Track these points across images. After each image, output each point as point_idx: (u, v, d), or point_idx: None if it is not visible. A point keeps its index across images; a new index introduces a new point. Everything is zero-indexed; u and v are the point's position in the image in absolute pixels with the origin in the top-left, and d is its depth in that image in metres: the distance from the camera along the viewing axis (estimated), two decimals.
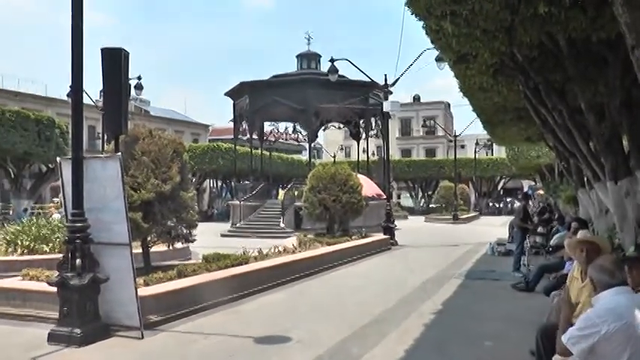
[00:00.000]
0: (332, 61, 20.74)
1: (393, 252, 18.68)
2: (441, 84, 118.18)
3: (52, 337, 7.06)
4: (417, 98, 74.36)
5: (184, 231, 10.20)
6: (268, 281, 10.88)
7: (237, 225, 28.57)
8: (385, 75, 21.31)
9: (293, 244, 14.86)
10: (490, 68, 8.81)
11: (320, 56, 34.50)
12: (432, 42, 8.00)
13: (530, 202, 24.17)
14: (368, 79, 22.52)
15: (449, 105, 73.46)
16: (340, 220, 18.47)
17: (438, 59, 17.45)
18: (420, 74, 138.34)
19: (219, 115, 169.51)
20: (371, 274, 13.54)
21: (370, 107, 31.23)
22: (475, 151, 50.08)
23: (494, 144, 42.09)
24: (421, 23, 7.27)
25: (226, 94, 33.95)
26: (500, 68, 8.89)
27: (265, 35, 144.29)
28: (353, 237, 17.69)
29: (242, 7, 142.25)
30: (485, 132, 19.09)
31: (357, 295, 10.63)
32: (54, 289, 7.37)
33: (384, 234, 20.32)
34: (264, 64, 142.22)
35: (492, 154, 59.64)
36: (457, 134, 40.75)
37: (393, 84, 21.14)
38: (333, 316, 8.64)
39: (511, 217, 19.70)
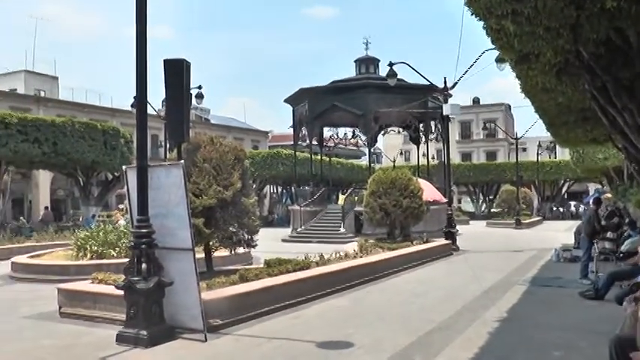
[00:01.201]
0: (390, 65, 20.59)
1: (455, 257, 18.35)
2: (501, 85, 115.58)
3: (120, 338, 7.31)
4: (476, 100, 73.03)
5: (246, 236, 10.31)
6: (330, 286, 10.89)
7: (298, 230, 28.73)
8: (444, 78, 21.06)
9: (354, 250, 14.82)
10: (554, 68, 8.51)
11: (378, 60, 34.33)
12: (493, 42, 7.81)
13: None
14: (427, 83, 22.25)
15: (509, 107, 71.80)
16: (401, 225, 18.27)
17: (499, 60, 17.04)
18: (479, 76, 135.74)
19: (279, 121, 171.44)
20: (433, 280, 13.33)
21: (430, 111, 30.85)
22: (537, 154, 48.65)
23: (557, 146, 40.79)
24: (481, 23, 7.12)
25: (286, 100, 34.26)
26: (564, 67, 8.57)
27: (325, 42, 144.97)
28: (414, 242, 17.49)
29: (302, 15, 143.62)
30: (548, 134, 18.48)
31: (419, 301, 10.49)
32: (121, 292, 7.62)
33: (446, 239, 20.03)
34: (323, 70, 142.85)
35: (555, 157, 57.82)
36: (519, 136, 39.69)
37: (453, 87, 20.84)
38: (395, 322, 8.56)
39: (577, 222, 19.01)
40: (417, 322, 8.44)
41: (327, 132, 38.52)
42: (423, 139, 34.15)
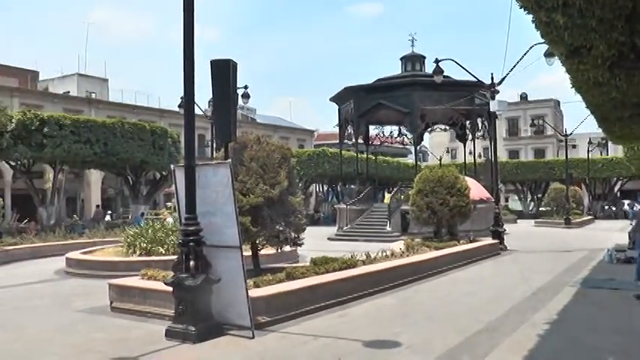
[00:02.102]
0: (437, 62, 20.37)
1: (503, 257, 18.01)
2: (549, 81, 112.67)
3: (169, 333, 7.45)
4: (524, 97, 71.50)
5: (292, 234, 10.37)
6: (376, 285, 10.85)
7: (344, 229, 28.75)
8: (491, 74, 20.68)
9: (400, 248, 14.73)
10: (607, 61, 8.25)
11: (424, 57, 33.97)
12: (542, 36, 7.63)
13: None
14: (474, 79, 21.90)
15: (558, 103, 70.05)
16: (448, 224, 18.06)
17: (548, 54, 16.68)
18: (527, 71, 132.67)
19: (325, 120, 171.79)
20: (480, 280, 13.12)
21: (476, 108, 30.37)
22: (588, 151, 47.30)
23: (609, 142, 39.52)
24: (530, 17, 6.97)
25: (331, 99, 34.26)
26: (618, 61, 8.30)
27: (370, 40, 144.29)
28: (461, 241, 17.25)
29: (348, 13, 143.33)
30: (599, 130, 17.94)
31: (466, 301, 10.34)
32: (170, 288, 7.76)
33: (493, 238, 19.69)
34: (369, 68, 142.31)
35: (607, 154, 56.12)
36: (568, 133, 38.64)
37: (500, 83, 20.43)
38: (442, 322, 8.47)
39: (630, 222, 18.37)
40: (464, 322, 8.33)
41: (372, 130, 38.36)
42: (470, 136, 33.67)
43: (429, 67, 28.46)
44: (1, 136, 24.80)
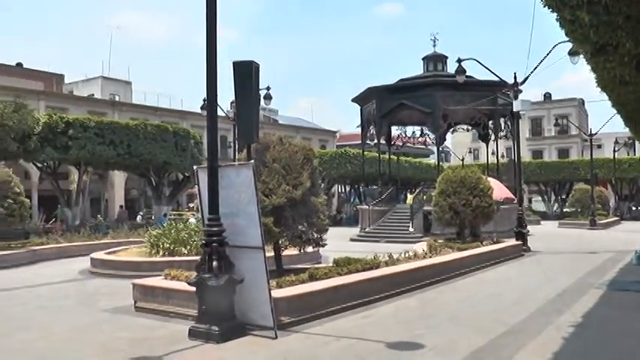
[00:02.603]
0: (459, 61, 20.22)
1: (526, 259, 17.80)
2: (574, 79, 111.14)
3: (192, 333, 7.50)
4: (547, 96, 70.62)
5: (315, 235, 10.36)
6: (399, 286, 10.80)
7: (366, 229, 28.71)
8: (514, 73, 20.46)
9: (423, 249, 14.66)
10: (634, 59, 8.10)
11: (446, 57, 33.75)
12: (566, 34, 7.52)
13: None
14: (496, 79, 21.69)
15: (583, 102, 69.06)
16: (470, 225, 17.93)
17: (572, 53, 16.47)
18: (550, 70, 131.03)
19: (347, 121, 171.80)
20: (504, 282, 12.98)
21: (499, 107, 30.09)
22: (614, 151, 46.54)
23: (636, 142, 38.83)
24: (554, 15, 6.87)
25: (353, 100, 34.24)
26: None
27: (392, 40, 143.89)
28: (484, 242, 17.11)
29: (370, 14, 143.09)
30: (626, 129, 17.64)
31: (490, 303, 10.24)
32: (193, 288, 7.80)
33: (516, 240, 19.48)
34: (391, 68, 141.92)
35: (634, 153, 55.15)
36: (593, 133, 38.06)
37: (523, 82, 20.21)
38: (466, 324, 8.39)
39: None
40: (488, 324, 8.25)
41: (395, 131, 38.22)
42: (493, 136, 33.40)
43: (452, 67, 28.26)
44: (28, 139, 25.24)
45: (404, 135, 39.04)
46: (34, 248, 19.30)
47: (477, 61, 20.43)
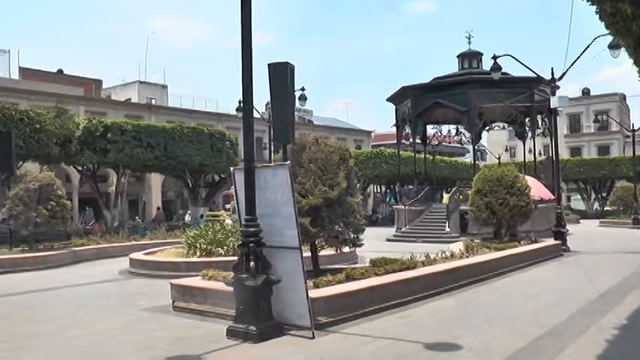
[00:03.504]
0: (494, 58, 19.96)
1: (566, 259, 17.46)
2: (614, 74, 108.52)
3: (230, 333, 7.57)
4: (586, 91, 69.09)
5: (351, 235, 10.34)
6: (436, 287, 10.72)
7: (402, 229, 28.63)
8: (552, 69, 20.14)
9: (460, 249, 14.52)
10: None
11: (482, 54, 33.41)
12: (606, 27, 7.33)
13: None
14: (533, 75, 21.38)
15: (624, 97, 67.37)
16: (508, 225, 17.66)
17: (613, 46, 16.10)
18: (589, 65, 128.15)
19: (381, 121, 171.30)
20: (542, 283, 12.76)
21: (536, 104, 29.64)
22: None
23: None
24: (593, 8, 6.73)
25: (388, 99, 34.15)
26: None
27: (427, 38, 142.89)
28: (522, 242, 16.85)
29: (403, 12, 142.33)
30: None
31: (528, 304, 10.09)
32: (230, 288, 7.90)
33: (555, 239, 19.15)
34: (426, 67, 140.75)
35: None
36: (636, 128, 37.07)
37: (561, 78, 19.87)
38: (504, 325, 8.27)
39: None
40: (527, 326, 8.12)
41: (430, 130, 38.01)
42: (529, 134, 32.89)
43: (487, 64, 27.98)
44: (69, 143, 25.92)
45: (439, 134, 38.75)
46: (75, 249, 19.79)
47: (513, 57, 20.17)
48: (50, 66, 49.06)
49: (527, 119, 32.34)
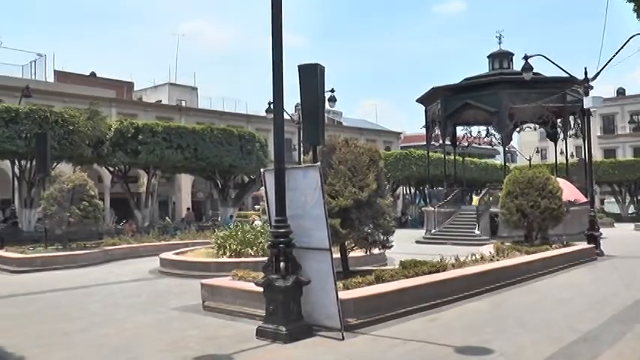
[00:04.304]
0: (526, 58, 19.67)
1: (599, 263, 17.11)
2: None
3: (260, 333, 7.61)
4: (621, 91, 67.57)
5: (381, 237, 10.30)
6: (466, 289, 10.62)
7: (432, 231, 28.45)
8: (585, 68, 19.75)
9: (490, 252, 14.36)
10: None
11: (512, 54, 32.96)
12: None
13: None
14: (565, 75, 21.02)
15: None
16: (539, 228, 17.38)
17: None
18: (624, 64, 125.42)
19: (411, 122, 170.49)
20: (575, 287, 12.52)
21: (568, 105, 29.12)
22: None
23: None
24: (630, 6, 6.60)
25: (418, 100, 33.97)
26: None
27: (455, 38, 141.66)
28: (553, 246, 16.56)
29: (431, 13, 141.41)
30: None
31: (561, 308, 9.91)
32: (260, 288, 7.92)
33: (588, 243, 18.77)
34: (456, 67, 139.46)
35: None
36: None
37: (594, 77, 19.48)
38: (536, 330, 8.15)
39: None
40: (560, 331, 7.98)
41: (460, 131, 37.63)
42: (561, 135, 32.32)
43: (518, 64, 27.62)
44: (101, 144, 26.36)
45: (469, 135, 38.37)
46: (106, 248, 20.10)
47: (545, 57, 19.85)
48: (83, 69, 49.97)
49: (559, 120, 31.79)
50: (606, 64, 19.06)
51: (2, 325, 8.97)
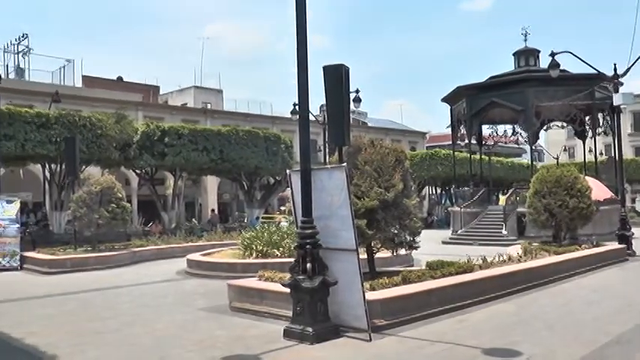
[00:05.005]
0: (552, 55, 19.37)
1: (631, 264, 16.78)
2: None
3: (287, 333, 7.64)
4: None
5: (407, 238, 10.25)
6: (494, 291, 10.53)
7: (458, 232, 28.27)
8: (614, 64, 19.36)
9: (518, 253, 14.18)
10: None
11: (539, 51, 32.51)
12: None
13: None
14: (593, 71, 20.68)
15: None
16: (567, 228, 17.13)
17: None
18: None
19: (436, 122, 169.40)
20: (607, 288, 12.32)
21: (597, 102, 28.63)
22: None
23: None
24: None
25: (443, 99, 33.76)
26: None
27: (480, 36, 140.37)
28: (583, 246, 16.30)
29: (456, 11, 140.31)
30: None
31: (591, 310, 9.76)
32: (286, 289, 7.95)
33: (619, 243, 18.45)
34: (480, 66, 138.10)
35: None
36: None
37: (624, 73, 19.10)
38: (566, 332, 8.03)
39: None
40: (590, 334, 7.85)
41: (485, 130, 37.27)
42: (590, 133, 31.78)
43: (544, 61, 27.24)
44: (128, 147, 26.72)
45: (495, 134, 37.90)
46: (134, 250, 20.38)
47: (572, 53, 19.52)
48: (110, 74, 50.71)
49: (587, 117, 31.30)
50: (637, 60, 18.71)
51: (38, 325, 9.17)
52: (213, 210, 40.75)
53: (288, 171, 9.07)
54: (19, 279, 16.12)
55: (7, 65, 41.09)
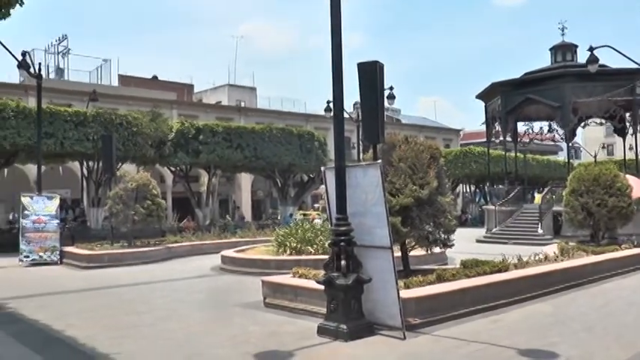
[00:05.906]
0: (591, 49, 18.97)
1: None
2: None
3: (321, 330, 7.65)
4: None
5: (442, 236, 10.15)
6: (529, 291, 10.33)
7: (493, 231, 27.96)
8: None
9: (554, 252, 13.91)
10: None
11: (576, 46, 31.87)
12: None
13: None
14: (635, 66, 20.15)
15: None
16: (606, 227, 16.73)
17: None
18: None
19: (470, 119, 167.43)
20: None
21: (638, 97, 27.91)
22: None
23: None
24: None
25: (477, 96, 33.38)
26: None
27: (516, 32, 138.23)
28: (622, 246, 15.88)
29: (492, 7, 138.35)
30: None
31: (631, 312, 9.51)
32: (320, 286, 7.96)
33: None
34: (516, 62, 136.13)
35: None
36: None
37: None
38: (605, 334, 7.83)
39: None
40: (631, 336, 7.66)
41: (521, 127, 36.61)
42: (630, 129, 30.98)
43: (582, 56, 26.69)
44: (163, 145, 27.12)
45: (531, 131, 37.23)
46: (169, 245, 20.66)
47: (612, 47, 19.09)
48: (145, 72, 51.64)
49: (627, 114, 30.54)
50: None
51: (77, 318, 9.38)
52: (238, 207, 41.13)
53: (322, 168, 9.07)
54: (59, 273, 16.52)
55: (47, 65, 42.08)
